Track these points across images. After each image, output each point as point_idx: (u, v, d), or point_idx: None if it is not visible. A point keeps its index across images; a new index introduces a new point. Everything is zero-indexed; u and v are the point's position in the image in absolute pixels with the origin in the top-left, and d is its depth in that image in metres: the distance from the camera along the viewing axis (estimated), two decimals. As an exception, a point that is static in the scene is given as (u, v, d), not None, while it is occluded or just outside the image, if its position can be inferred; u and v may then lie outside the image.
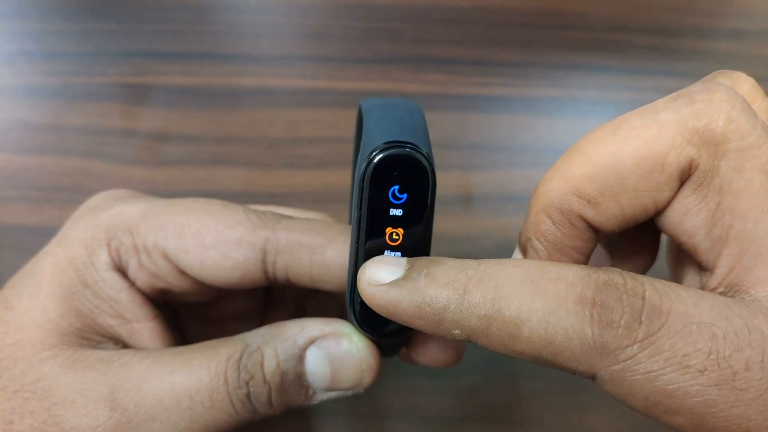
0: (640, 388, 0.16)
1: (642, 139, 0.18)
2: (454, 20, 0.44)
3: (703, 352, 0.16)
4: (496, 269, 0.18)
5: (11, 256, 0.37)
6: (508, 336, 0.17)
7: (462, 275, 0.18)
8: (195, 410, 0.20)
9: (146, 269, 0.23)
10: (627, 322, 0.16)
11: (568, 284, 0.17)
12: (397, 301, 0.18)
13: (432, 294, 0.18)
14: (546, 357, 0.17)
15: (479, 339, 0.17)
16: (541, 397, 0.35)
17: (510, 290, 0.17)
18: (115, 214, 0.23)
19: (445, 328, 0.18)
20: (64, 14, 0.43)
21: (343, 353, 0.21)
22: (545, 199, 0.19)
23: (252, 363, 0.21)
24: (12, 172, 0.39)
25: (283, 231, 0.22)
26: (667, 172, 0.18)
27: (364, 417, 0.34)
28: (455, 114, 0.42)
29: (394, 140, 0.18)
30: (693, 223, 0.18)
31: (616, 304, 0.16)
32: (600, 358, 0.16)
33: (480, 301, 0.17)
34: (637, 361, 0.16)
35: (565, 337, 0.16)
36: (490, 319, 0.17)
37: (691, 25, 0.45)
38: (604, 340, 0.16)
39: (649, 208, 0.19)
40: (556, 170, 0.19)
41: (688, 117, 0.18)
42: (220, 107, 0.41)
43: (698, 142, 0.17)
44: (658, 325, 0.16)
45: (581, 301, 0.16)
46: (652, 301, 0.16)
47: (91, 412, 0.20)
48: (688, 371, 0.16)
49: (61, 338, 0.22)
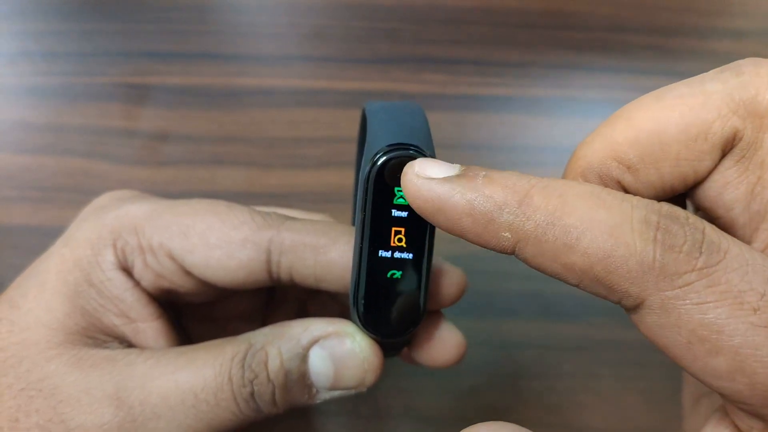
0: (689, 318, 0.16)
1: (687, 107, 0.18)
2: (454, 20, 0.44)
3: (758, 291, 0.15)
4: (562, 181, 0.17)
5: (12, 256, 0.37)
6: (564, 245, 0.16)
7: (524, 181, 0.17)
8: (199, 409, 0.21)
9: (151, 269, 0.23)
10: (689, 248, 0.16)
11: (633, 206, 0.16)
12: (448, 195, 0.17)
13: (489, 192, 0.16)
14: (597, 272, 0.16)
15: (529, 246, 0.17)
16: (541, 397, 0.35)
17: (575, 200, 0.16)
18: (121, 214, 0.23)
19: (493, 229, 0.17)
20: (65, 14, 0.43)
21: (346, 353, 0.22)
22: (584, 163, 0.19)
23: (256, 362, 0.21)
24: (12, 172, 0.39)
25: (287, 231, 0.22)
26: (711, 142, 0.18)
27: (364, 417, 0.34)
28: (455, 114, 0.42)
29: (397, 143, 0.19)
30: (732, 196, 0.18)
31: (679, 231, 0.16)
32: (656, 281, 0.16)
33: (541, 205, 0.16)
34: (693, 290, 0.15)
35: (626, 253, 0.16)
36: (548, 225, 0.16)
37: (691, 25, 0.46)
38: (665, 261, 0.16)
39: (688, 178, 0.18)
40: (598, 134, 0.19)
41: (734, 88, 0.17)
42: (221, 107, 0.41)
43: (744, 113, 0.17)
44: (717, 258, 0.16)
45: (646, 222, 0.16)
46: (712, 238, 0.16)
47: (96, 411, 0.21)
48: (742, 308, 0.15)
49: (67, 337, 0.22)
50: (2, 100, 0.40)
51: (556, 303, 0.37)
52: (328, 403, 0.34)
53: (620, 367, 0.36)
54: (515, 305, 0.37)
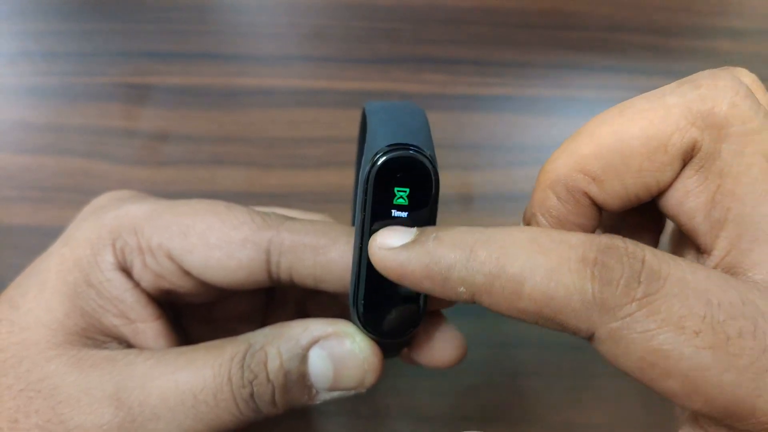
0: (636, 347, 0.16)
1: (648, 120, 0.18)
2: (453, 20, 0.44)
3: (698, 315, 0.16)
4: (503, 232, 0.18)
5: (12, 256, 0.37)
6: (511, 293, 0.17)
7: (469, 237, 0.18)
8: (199, 409, 0.21)
9: (151, 269, 0.23)
10: (626, 281, 0.16)
11: (570, 246, 0.17)
12: (407, 262, 0.18)
13: (440, 254, 0.18)
14: (547, 314, 0.17)
15: (483, 297, 0.18)
16: (540, 395, 0.35)
17: (515, 250, 0.17)
18: (120, 214, 0.23)
19: (450, 286, 0.18)
20: (65, 14, 0.43)
21: (346, 353, 0.22)
22: (552, 176, 0.20)
23: (255, 363, 0.21)
24: (12, 172, 0.39)
25: (287, 232, 0.22)
26: (671, 153, 0.18)
27: (364, 417, 0.34)
28: (455, 114, 0.42)
29: (397, 143, 0.19)
30: (693, 204, 0.19)
31: (616, 265, 0.17)
32: (599, 315, 0.16)
33: (485, 259, 0.17)
34: (635, 320, 0.16)
35: (567, 294, 0.17)
36: (494, 277, 0.17)
37: (689, 25, 0.46)
38: (604, 296, 0.16)
39: (651, 187, 0.19)
40: (564, 149, 0.20)
41: (693, 101, 0.18)
42: (221, 107, 0.41)
43: (702, 124, 0.18)
44: (656, 287, 0.16)
45: (583, 261, 0.17)
46: (651, 265, 0.17)
47: (96, 411, 0.21)
48: (684, 332, 0.16)
49: (66, 337, 0.22)
50: (2, 100, 0.40)
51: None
52: (328, 403, 0.34)
53: (619, 366, 0.36)
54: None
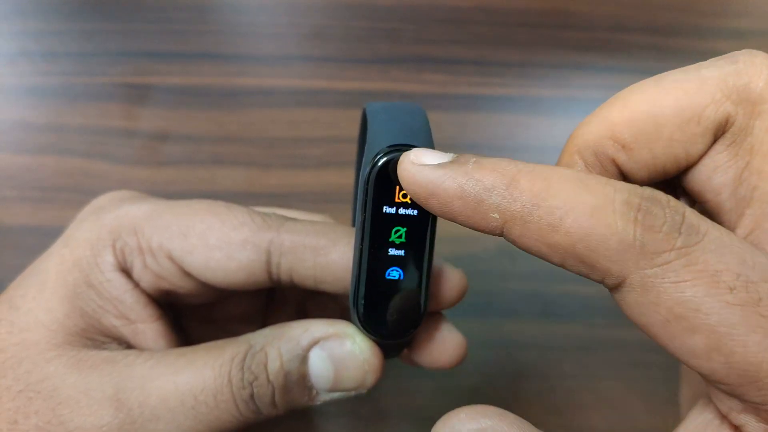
0: (667, 297, 0.16)
1: (683, 90, 0.18)
2: (454, 20, 0.45)
3: (733, 272, 0.16)
4: (547, 167, 0.17)
5: (11, 257, 0.37)
6: (548, 225, 0.17)
7: (512, 167, 0.17)
8: (199, 410, 0.21)
9: (151, 270, 0.23)
10: (668, 229, 0.16)
11: (615, 189, 0.17)
12: (441, 179, 0.18)
13: (479, 176, 0.17)
14: (580, 251, 0.16)
15: (515, 226, 0.17)
16: (541, 397, 0.35)
17: (559, 183, 0.17)
18: (120, 215, 0.23)
19: (482, 210, 0.17)
20: (65, 14, 0.43)
21: (346, 354, 0.22)
22: (581, 141, 0.19)
23: (256, 363, 0.21)
24: (12, 172, 0.39)
25: (287, 233, 0.22)
26: (703, 125, 0.18)
27: (364, 417, 0.34)
28: (455, 114, 0.42)
29: (398, 143, 0.19)
30: (720, 180, 0.19)
31: (659, 212, 0.16)
32: (636, 259, 0.16)
33: (527, 187, 0.17)
34: (671, 268, 0.16)
35: (607, 233, 0.16)
36: (534, 206, 0.17)
37: (691, 25, 0.46)
38: (644, 240, 0.16)
39: (680, 160, 0.19)
40: (595, 115, 0.19)
41: (729, 75, 0.18)
42: (221, 107, 0.41)
43: (737, 99, 0.18)
44: (695, 239, 0.16)
45: (628, 204, 0.16)
46: (691, 220, 0.16)
47: (96, 412, 0.20)
48: (718, 286, 0.16)
49: (66, 338, 0.22)
50: (2, 100, 0.40)
51: (556, 303, 0.37)
52: (328, 403, 0.34)
53: (621, 367, 0.36)
54: (515, 305, 0.37)
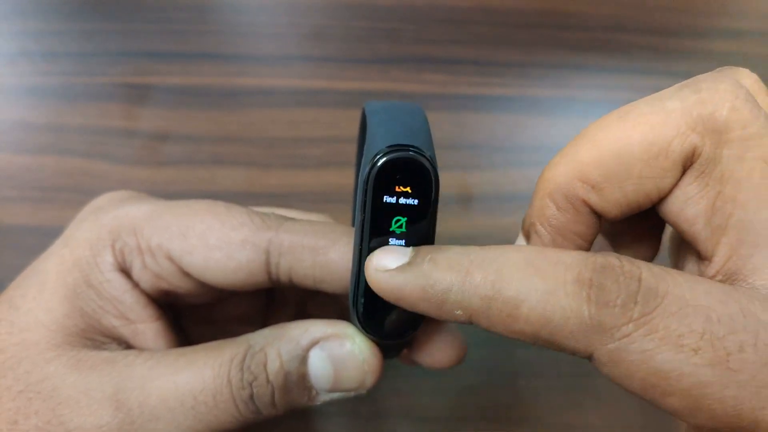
0: (636, 368, 0.16)
1: (648, 125, 0.18)
2: (453, 20, 0.45)
3: (697, 332, 0.16)
4: (498, 253, 0.18)
5: (11, 257, 0.37)
6: (508, 316, 0.17)
7: (464, 259, 0.18)
8: (198, 410, 0.21)
9: (150, 270, 0.23)
10: (623, 301, 0.16)
11: (566, 267, 0.17)
12: (403, 284, 0.18)
13: (436, 276, 0.18)
14: (544, 336, 0.17)
15: (480, 319, 0.18)
16: (540, 396, 0.35)
17: (510, 272, 0.17)
18: (120, 215, 0.23)
19: (447, 309, 0.18)
20: (65, 14, 0.43)
21: (346, 355, 0.22)
22: (550, 185, 0.19)
23: (255, 364, 0.21)
24: (12, 172, 0.39)
25: (286, 233, 0.22)
26: (671, 159, 0.18)
27: (364, 417, 0.34)
28: (455, 114, 0.42)
29: (397, 144, 0.18)
30: (693, 211, 0.19)
31: (612, 285, 0.17)
32: (597, 337, 0.16)
33: (481, 282, 0.17)
34: (632, 340, 0.16)
35: (563, 316, 0.17)
36: (490, 300, 0.17)
37: (689, 25, 0.46)
38: (601, 318, 0.16)
39: (652, 194, 0.19)
40: (563, 155, 0.19)
41: (693, 105, 0.18)
42: (221, 107, 0.41)
43: (702, 129, 0.18)
44: (653, 305, 0.16)
45: (579, 282, 0.17)
46: (648, 284, 0.17)
47: (96, 412, 0.20)
48: (683, 350, 0.16)
49: (66, 338, 0.22)
50: (2, 100, 0.40)
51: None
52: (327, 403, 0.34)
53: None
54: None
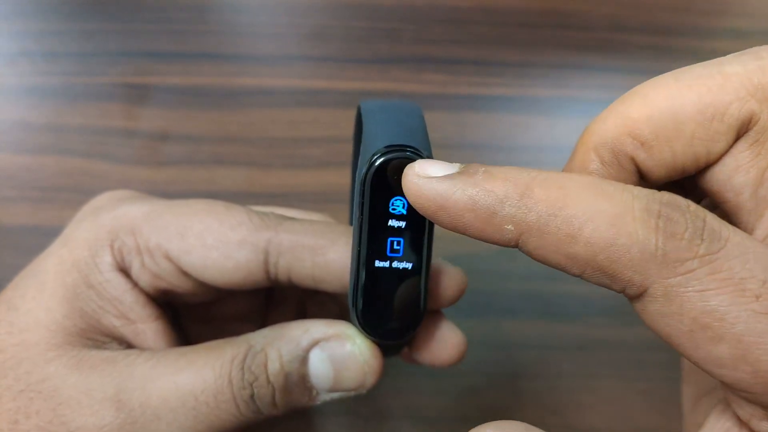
0: (691, 306, 0.16)
1: (706, 87, 0.18)
2: (454, 20, 0.45)
3: (759, 279, 0.15)
4: (561, 174, 0.17)
5: (11, 257, 0.37)
6: (567, 235, 0.16)
7: (525, 175, 0.17)
8: (200, 410, 0.21)
9: (149, 270, 0.23)
10: (690, 235, 0.16)
11: (634, 196, 0.16)
12: (449, 191, 0.17)
13: (490, 186, 0.17)
14: (600, 262, 0.16)
15: (532, 238, 0.17)
16: (541, 397, 0.36)
17: (576, 191, 0.16)
18: (119, 215, 0.23)
19: (496, 222, 0.17)
20: (65, 14, 0.43)
21: (346, 355, 0.22)
22: (597, 138, 0.19)
23: (256, 364, 0.21)
24: (12, 172, 0.39)
25: (285, 232, 0.22)
26: (727, 123, 0.18)
27: (364, 417, 0.34)
28: (455, 114, 0.42)
29: (394, 144, 0.18)
30: (741, 179, 0.18)
31: (680, 218, 0.16)
32: (658, 268, 0.16)
33: (542, 197, 0.16)
34: (695, 277, 0.16)
35: (628, 242, 0.16)
36: (551, 216, 0.16)
37: (690, 25, 0.46)
38: (667, 249, 0.16)
39: (701, 158, 0.18)
40: (612, 110, 0.19)
41: (754, 71, 0.17)
42: (221, 107, 0.41)
43: (762, 96, 0.17)
44: (718, 246, 0.16)
45: (647, 211, 0.16)
46: (713, 226, 0.16)
47: (97, 412, 0.21)
48: (743, 294, 0.15)
49: (66, 338, 0.22)
50: (2, 99, 0.41)
51: (556, 303, 0.37)
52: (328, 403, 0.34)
53: (620, 367, 0.36)
54: (515, 305, 0.37)
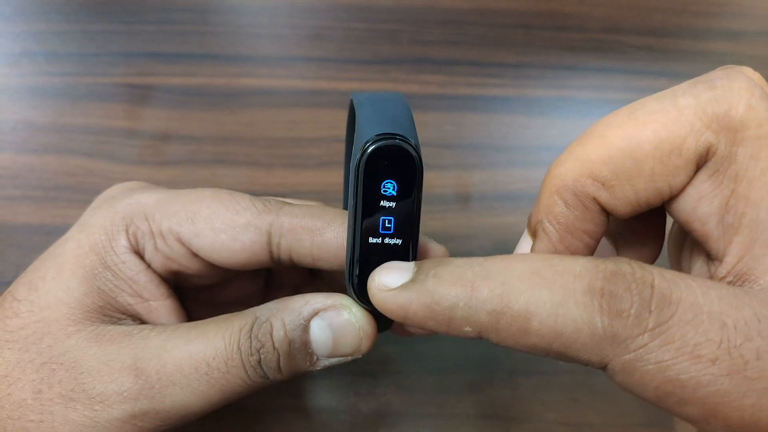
0: (651, 378, 0.16)
1: (660, 123, 0.18)
2: (452, 21, 0.46)
3: (714, 341, 0.16)
4: (502, 264, 0.18)
5: (15, 255, 0.38)
6: (518, 330, 0.17)
7: (468, 273, 0.18)
8: (212, 376, 0.22)
9: (161, 252, 0.25)
10: (637, 311, 0.16)
11: (575, 276, 0.17)
12: (408, 303, 0.19)
13: (440, 293, 0.18)
14: (557, 349, 0.17)
15: (490, 335, 0.18)
16: (539, 393, 0.36)
17: (517, 284, 0.17)
18: (132, 202, 0.25)
19: (455, 326, 0.18)
20: (67, 15, 0.44)
21: (343, 323, 0.23)
22: (559, 181, 0.20)
23: (262, 332, 0.23)
24: (16, 171, 0.40)
25: (286, 216, 0.24)
26: (685, 157, 0.18)
27: (364, 413, 0.35)
28: (453, 114, 0.43)
29: (385, 132, 0.20)
30: (706, 209, 0.19)
31: (625, 294, 0.16)
32: (611, 348, 0.16)
33: (488, 296, 0.17)
34: (648, 351, 0.16)
35: (575, 329, 0.16)
36: (499, 314, 0.17)
37: (686, 26, 0.47)
38: (615, 329, 0.16)
39: (663, 192, 0.19)
40: (571, 152, 0.19)
41: (707, 102, 0.18)
42: (222, 107, 0.42)
43: (717, 127, 0.18)
44: (668, 314, 0.16)
45: (589, 292, 0.17)
46: (662, 290, 0.16)
47: (116, 380, 0.22)
48: (700, 361, 0.16)
49: (85, 315, 0.23)
50: (5, 100, 0.41)
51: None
52: (330, 398, 0.35)
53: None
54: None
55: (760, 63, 0.46)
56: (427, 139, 0.41)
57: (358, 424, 0.35)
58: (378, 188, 0.21)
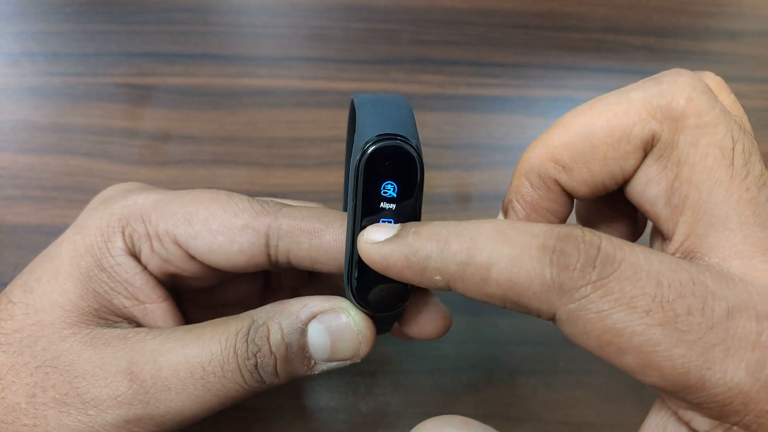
0: (592, 327, 0.18)
1: (613, 113, 0.20)
2: (452, 21, 0.46)
3: (648, 295, 0.18)
4: (474, 225, 0.20)
5: (14, 255, 0.38)
6: (480, 279, 0.19)
7: (444, 231, 0.20)
8: (208, 380, 0.22)
9: (158, 254, 0.25)
10: (582, 265, 0.18)
11: (533, 235, 0.19)
12: (389, 254, 0.20)
13: (418, 246, 0.20)
14: (512, 297, 0.19)
15: (456, 284, 0.20)
16: (538, 393, 0.36)
17: (483, 240, 0.19)
18: (129, 204, 0.25)
19: (428, 275, 0.20)
20: (67, 15, 0.44)
21: (342, 326, 0.23)
22: (526, 165, 0.22)
23: (259, 336, 0.23)
24: (15, 171, 0.40)
25: (284, 218, 0.24)
26: (633, 143, 0.20)
27: (363, 413, 0.35)
28: (453, 114, 0.43)
29: (385, 133, 0.21)
30: (654, 191, 0.21)
31: (573, 251, 0.18)
32: (558, 297, 0.18)
33: (457, 249, 0.20)
34: (590, 301, 0.18)
35: (528, 278, 0.19)
36: (465, 265, 0.19)
37: (685, 26, 0.47)
38: (561, 280, 0.18)
39: (617, 175, 0.21)
40: (540, 139, 0.22)
41: (653, 95, 0.20)
42: (222, 107, 0.42)
43: (661, 117, 0.20)
44: (610, 270, 0.18)
45: (543, 248, 0.19)
46: (607, 251, 0.18)
47: (111, 384, 0.22)
48: (635, 311, 0.18)
49: (80, 318, 0.23)
50: (5, 100, 0.42)
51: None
52: (329, 398, 0.35)
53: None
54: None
55: (760, 63, 0.46)
56: (427, 139, 0.42)
57: (357, 424, 0.35)
58: (378, 190, 0.21)
